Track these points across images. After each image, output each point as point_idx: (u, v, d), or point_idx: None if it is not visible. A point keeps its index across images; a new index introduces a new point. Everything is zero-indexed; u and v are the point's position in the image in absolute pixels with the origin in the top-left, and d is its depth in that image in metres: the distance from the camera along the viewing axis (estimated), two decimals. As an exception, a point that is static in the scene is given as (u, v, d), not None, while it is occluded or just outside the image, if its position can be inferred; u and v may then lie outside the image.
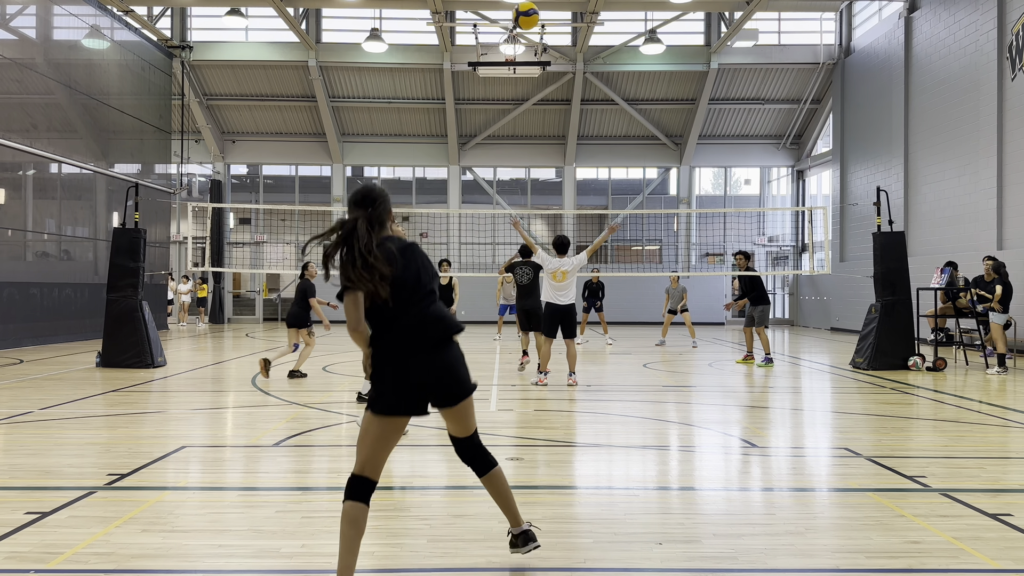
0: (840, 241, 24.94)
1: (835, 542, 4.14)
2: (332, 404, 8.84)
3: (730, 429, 7.54)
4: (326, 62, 26.21)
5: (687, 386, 10.92)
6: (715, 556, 3.91)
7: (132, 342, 12.50)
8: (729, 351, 16.38)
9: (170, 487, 5.31)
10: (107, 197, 20.19)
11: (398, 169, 30.02)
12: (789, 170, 29.39)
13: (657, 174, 29.80)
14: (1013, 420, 7.99)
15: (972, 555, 3.93)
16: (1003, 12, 16.98)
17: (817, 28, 26.13)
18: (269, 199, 29.74)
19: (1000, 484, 5.45)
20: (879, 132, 22.32)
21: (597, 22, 22.97)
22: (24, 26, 17.96)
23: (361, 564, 3.81)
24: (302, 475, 5.70)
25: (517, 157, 29.26)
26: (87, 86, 19.14)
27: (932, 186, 19.74)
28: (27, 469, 5.69)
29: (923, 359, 12.42)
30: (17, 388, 10.10)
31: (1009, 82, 16.76)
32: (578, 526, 4.40)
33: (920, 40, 20.34)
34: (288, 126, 28.83)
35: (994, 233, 16.99)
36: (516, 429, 7.30)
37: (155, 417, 8.07)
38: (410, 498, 5.00)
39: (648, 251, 30.34)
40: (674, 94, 27.38)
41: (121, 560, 3.81)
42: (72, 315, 18.22)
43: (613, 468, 5.97)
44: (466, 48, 25.29)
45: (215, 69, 26.73)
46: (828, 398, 9.96)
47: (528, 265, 11.26)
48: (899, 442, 6.89)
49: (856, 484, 5.37)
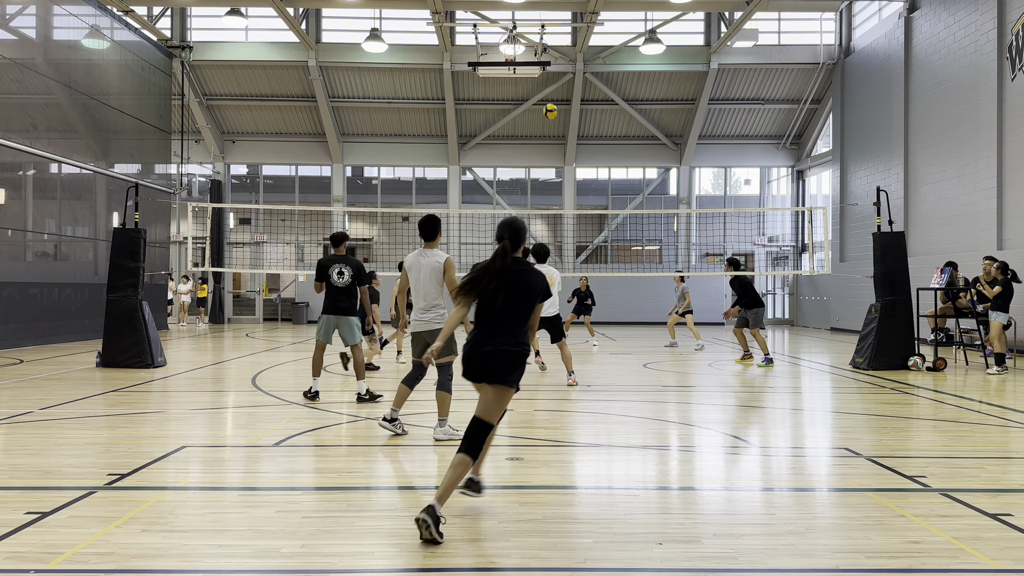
0: (840, 241, 24.94)
1: (835, 542, 4.14)
2: (332, 404, 8.84)
3: (730, 429, 7.54)
4: (326, 62, 26.21)
5: (687, 386, 10.92)
6: (715, 556, 3.91)
7: (132, 342, 12.49)
8: (729, 351, 16.38)
9: (170, 487, 5.31)
10: (107, 197, 20.19)
11: (398, 169, 30.02)
12: (789, 170, 29.39)
13: (657, 174, 29.80)
14: (1013, 420, 7.99)
15: (972, 555, 3.93)
16: (1003, 12, 16.98)
17: (817, 28, 26.14)
18: (269, 199, 29.74)
19: (1000, 484, 5.45)
20: (879, 132, 22.32)
21: (597, 22, 22.98)
22: (24, 26, 17.96)
23: (361, 564, 3.82)
24: (302, 475, 5.70)
25: (517, 157, 29.26)
26: (87, 86, 19.14)
27: (932, 186, 19.74)
28: (27, 469, 5.69)
29: (923, 359, 12.42)
30: (17, 388, 10.10)
31: (1009, 82, 16.77)
32: (578, 526, 4.40)
33: (920, 40, 20.34)
34: (288, 126, 28.84)
35: (994, 233, 16.99)
36: (516, 429, 7.29)
37: (155, 417, 8.07)
38: (410, 498, 5.00)
39: (648, 251, 30.35)
40: (674, 94, 27.39)
41: (121, 560, 3.81)
42: (72, 315, 18.22)
43: (613, 468, 5.97)
44: (466, 48, 25.29)
45: (215, 69, 26.73)
46: (828, 398, 9.96)
47: None
48: (899, 442, 6.89)
49: (856, 484, 5.37)
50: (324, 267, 8.96)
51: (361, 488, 5.27)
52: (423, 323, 6.80)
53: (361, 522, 4.44)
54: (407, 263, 6.96)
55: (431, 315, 6.79)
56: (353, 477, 5.56)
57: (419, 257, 6.88)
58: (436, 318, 6.79)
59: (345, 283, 8.90)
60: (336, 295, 8.90)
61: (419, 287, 6.83)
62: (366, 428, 7.41)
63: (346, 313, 8.92)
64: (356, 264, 8.97)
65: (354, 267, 8.94)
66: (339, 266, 8.91)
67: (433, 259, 6.80)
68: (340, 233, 9.17)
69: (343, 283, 8.89)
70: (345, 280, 8.89)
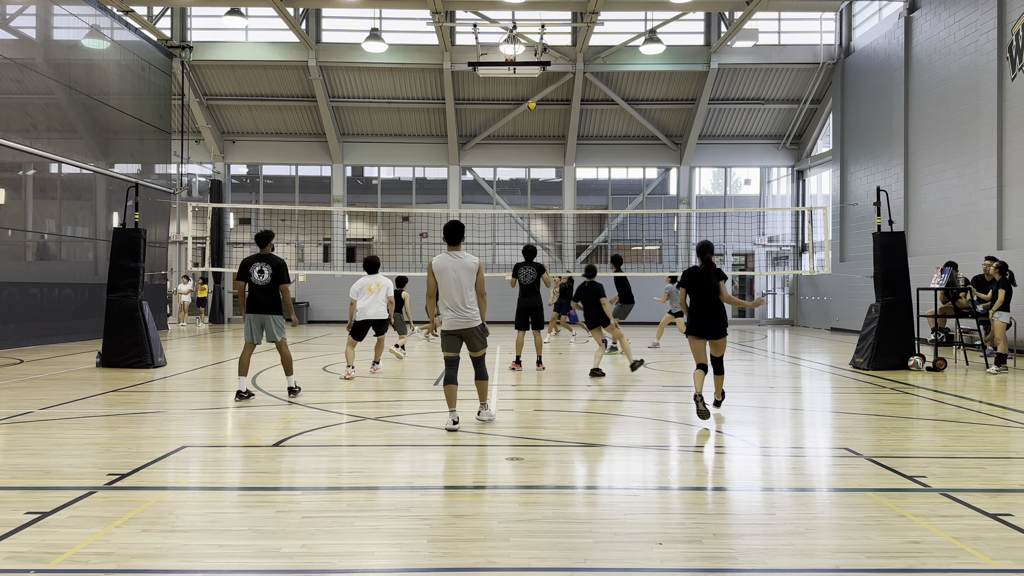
0: (840, 241, 24.95)
1: (835, 542, 4.14)
2: (332, 404, 8.84)
3: (730, 429, 7.54)
4: (326, 62, 26.21)
5: (687, 386, 10.92)
6: (715, 556, 3.91)
7: (132, 342, 12.50)
8: (728, 351, 16.36)
9: (170, 487, 5.31)
10: (107, 197, 20.19)
11: (398, 169, 30.02)
12: (789, 170, 29.39)
13: (657, 174, 29.80)
14: (1013, 420, 7.99)
15: (972, 555, 3.93)
16: (1003, 12, 16.98)
17: (817, 28, 26.14)
18: (269, 199, 29.74)
19: (1000, 484, 5.45)
20: (879, 132, 22.32)
21: (597, 22, 22.98)
22: (24, 26, 17.96)
23: (361, 564, 3.82)
24: (302, 475, 5.70)
25: (517, 157, 29.26)
26: (87, 86, 19.14)
27: (932, 186, 19.74)
28: (27, 469, 5.69)
29: (923, 359, 12.42)
30: (17, 388, 10.10)
31: (1009, 82, 16.76)
32: (578, 526, 4.40)
33: (920, 40, 20.34)
34: (288, 126, 28.84)
35: (994, 233, 16.99)
36: (516, 429, 7.30)
37: (155, 417, 8.07)
38: (410, 498, 5.00)
39: (648, 251, 30.35)
40: (674, 94, 27.39)
41: (121, 560, 3.81)
42: (72, 315, 18.22)
43: (613, 468, 5.97)
44: (466, 48, 25.29)
45: (215, 69, 26.73)
46: (828, 398, 9.96)
47: (532, 266, 12.31)
48: (899, 442, 6.89)
49: (856, 484, 5.37)
50: (245, 266, 8.96)
51: (361, 488, 5.27)
52: (458, 321, 7.21)
53: (361, 522, 4.44)
54: (436, 267, 7.28)
55: (463, 313, 7.19)
56: (353, 477, 5.56)
57: (448, 260, 7.22)
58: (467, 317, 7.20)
59: (265, 281, 8.86)
60: (256, 293, 8.90)
61: (450, 288, 7.16)
62: (366, 428, 7.41)
63: (267, 311, 8.91)
64: (276, 263, 8.94)
65: (274, 265, 8.91)
66: (259, 264, 8.89)
67: (467, 261, 7.24)
68: (265, 232, 9.12)
69: (263, 281, 8.86)
70: (265, 279, 8.86)
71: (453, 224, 7.30)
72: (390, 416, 8.01)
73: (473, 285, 7.19)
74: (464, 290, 7.17)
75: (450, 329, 7.24)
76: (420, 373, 12.09)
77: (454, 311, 7.18)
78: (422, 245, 29.48)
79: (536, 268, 12.32)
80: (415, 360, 14.09)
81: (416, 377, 11.58)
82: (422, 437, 6.96)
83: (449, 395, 7.27)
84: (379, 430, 7.28)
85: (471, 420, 7.51)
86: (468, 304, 7.20)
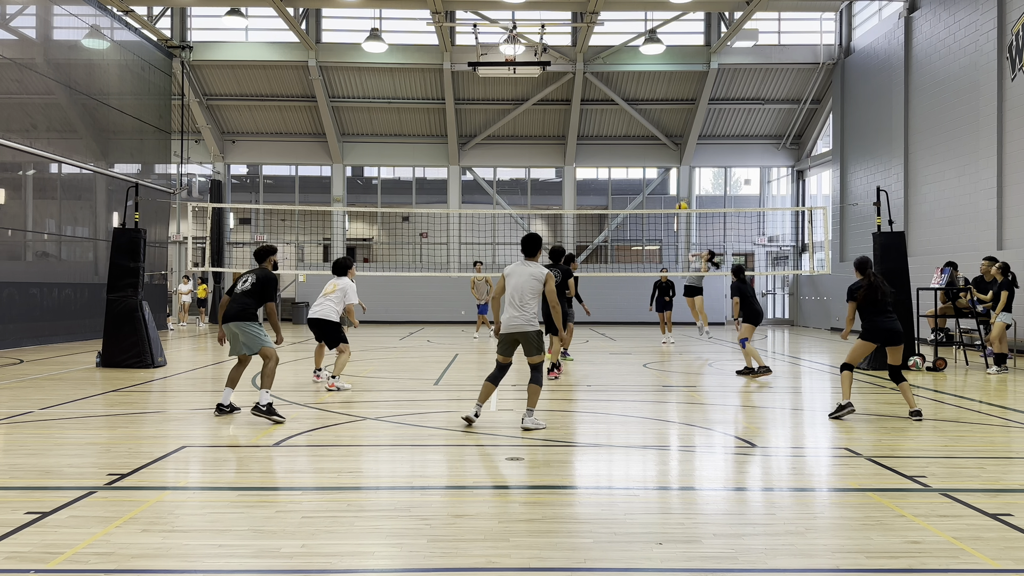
0: (840, 241, 24.95)
1: (835, 542, 4.14)
2: (332, 404, 8.85)
3: (730, 429, 7.54)
4: (326, 62, 26.21)
5: (687, 386, 10.92)
6: (715, 556, 3.91)
7: (132, 342, 12.49)
8: (729, 351, 16.37)
9: (170, 487, 5.31)
10: (107, 197, 20.19)
11: (398, 169, 30.02)
12: (789, 170, 29.40)
13: (657, 174, 29.80)
14: (1013, 420, 7.99)
15: (972, 555, 3.93)
16: (1003, 12, 16.98)
17: (817, 28, 26.14)
18: (269, 199, 29.74)
19: (1000, 484, 5.45)
20: (879, 132, 22.32)
21: (597, 22, 22.98)
22: (24, 26, 17.96)
23: (361, 564, 3.82)
24: (302, 475, 5.70)
25: (517, 157, 29.26)
26: (87, 86, 19.14)
27: (932, 186, 19.74)
28: (27, 469, 5.69)
29: (923, 359, 12.42)
30: (17, 388, 10.10)
31: (1009, 82, 16.77)
32: (578, 526, 4.40)
33: (920, 40, 20.34)
34: (288, 126, 28.84)
35: (994, 233, 16.99)
36: (516, 429, 7.30)
37: (155, 417, 8.07)
38: (410, 498, 5.00)
39: (648, 251, 30.35)
40: (674, 94, 27.39)
41: (121, 560, 3.81)
42: (72, 315, 18.21)
43: (613, 468, 5.97)
44: (466, 48, 25.29)
45: (215, 69, 26.73)
46: (828, 398, 9.96)
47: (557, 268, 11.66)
48: (899, 442, 6.89)
49: (856, 484, 5.37)
50: (235, 279, 8.37)
51: (361, 488, 5.27)
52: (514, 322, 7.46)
53: (361, 522, 4.44)
54: (507, 270, 7.60)
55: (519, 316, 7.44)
56: (353, 477, 5.57)
57: (520, 267, 7.58)
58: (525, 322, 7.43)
59: (244, 290, 8.13)
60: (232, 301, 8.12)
61: (512, 292, 7.50)
62: (366, 428, 7.41)
63: (238, 318, 7.96)
64: (262, 274, 8.20)
65: (259, 276, 8.18)
66: (249, 276, 8.25)
67: (535, 270, 7.53)
68: (263, 248, 8.52)
69: (240, 290, 8.14)
70: (246, 287, 8.14)
71: (529, 237, 7.64)
72: (390, 416, 8.02)
73: (537, 293, 7.46)
74: (524, 295, 7.44)
75: (506, 331, 7.49)
76: (420, 373, 12.09)
77: (512, 312, 7.46)
78: (422, 245, 29.48)
79: (562, 272, 11.44)
80: (415, 360, 14.09)
81: (416, 377, 11.58)
82: (422, 437, 6.96)
83: (484, 390, 7.49)
84: (379, 430, 7.29)
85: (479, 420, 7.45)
86: (526, 309, 7.44)
